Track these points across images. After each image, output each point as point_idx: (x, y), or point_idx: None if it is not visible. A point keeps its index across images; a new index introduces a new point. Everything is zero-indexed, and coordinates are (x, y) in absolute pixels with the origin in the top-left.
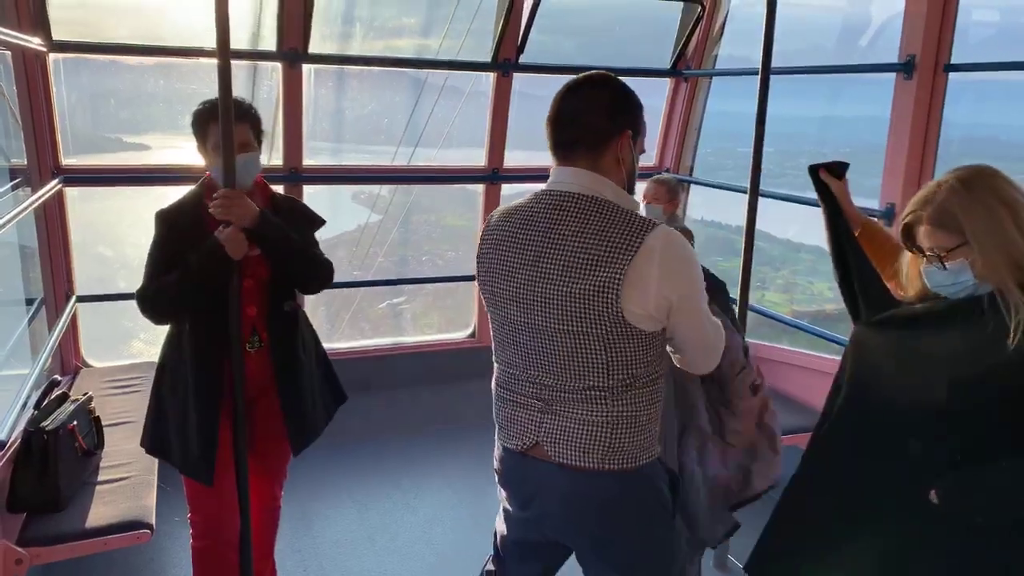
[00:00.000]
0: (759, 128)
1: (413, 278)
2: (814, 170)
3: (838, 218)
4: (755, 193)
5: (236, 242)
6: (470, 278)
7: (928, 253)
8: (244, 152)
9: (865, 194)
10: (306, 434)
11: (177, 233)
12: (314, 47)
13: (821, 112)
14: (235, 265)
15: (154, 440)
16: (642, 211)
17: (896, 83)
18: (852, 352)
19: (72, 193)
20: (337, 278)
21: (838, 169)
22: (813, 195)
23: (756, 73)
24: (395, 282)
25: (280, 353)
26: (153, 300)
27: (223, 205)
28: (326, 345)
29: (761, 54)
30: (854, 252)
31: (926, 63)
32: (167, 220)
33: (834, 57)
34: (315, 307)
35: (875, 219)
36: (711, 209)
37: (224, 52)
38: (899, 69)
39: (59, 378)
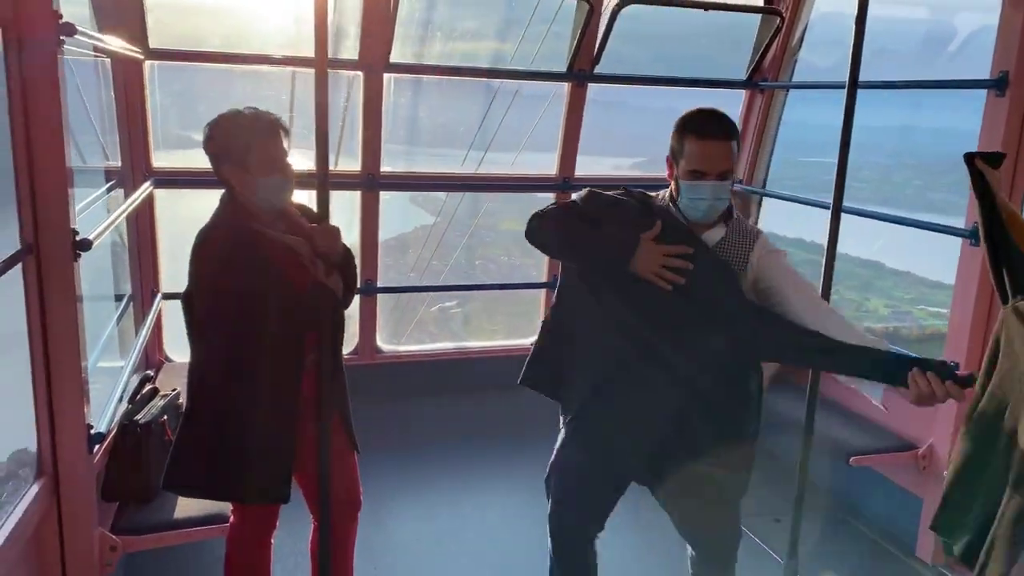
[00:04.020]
0: (843, 148)
1: (480, 284)
2: (970, 158)
3: (992, 204)
4: (837, 213)
5: (337, 282)
6: (538, 285)
7: None
8: (287, 170)
9: (937, 209)
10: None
11: (242, 265)
12: (394, 54)
13: (899, 122)
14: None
15: (203, 478)
16: None
17: (987, 100)
18: (1002, 336)
19: (159, 192)
20: (393, 283)
21: (994, 159)
22: (896, 212)
23: (837, 87)
24: (460, 288)
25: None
26: None
27: (327, 240)
28: (389, 347)
29: (848, 69)
30: (1003, 237)
31: (1020, 80)
32: (230, 251)
33: (915, 68)
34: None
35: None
36: (769, 222)
37: (322, 61)
38: (991, 86)
39: (151, 373)
